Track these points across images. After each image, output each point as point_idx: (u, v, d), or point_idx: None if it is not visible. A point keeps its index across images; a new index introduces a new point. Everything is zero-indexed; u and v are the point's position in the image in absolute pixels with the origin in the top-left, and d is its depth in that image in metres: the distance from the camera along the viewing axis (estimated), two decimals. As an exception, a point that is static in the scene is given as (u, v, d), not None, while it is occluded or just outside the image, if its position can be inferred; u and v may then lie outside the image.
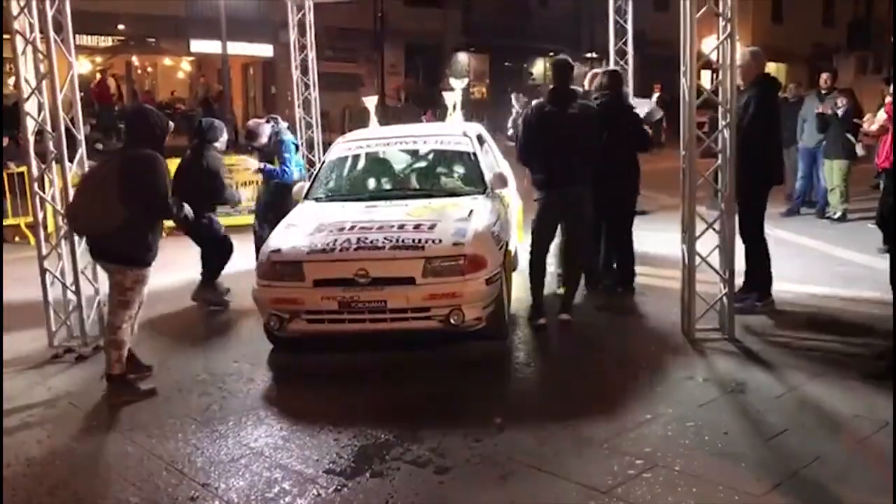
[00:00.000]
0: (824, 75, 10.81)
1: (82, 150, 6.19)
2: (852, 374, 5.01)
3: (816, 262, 8.11)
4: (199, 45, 24.83)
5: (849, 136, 9.87)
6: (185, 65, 27.38)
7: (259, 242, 7.14)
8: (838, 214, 10.13)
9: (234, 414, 4.83)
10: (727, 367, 5.23)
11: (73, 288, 6.10)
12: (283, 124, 8.07)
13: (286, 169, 7.74)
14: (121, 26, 23.21)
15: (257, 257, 6.01)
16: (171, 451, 4.36)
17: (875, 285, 6.93)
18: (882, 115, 8.80)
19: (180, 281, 7.53)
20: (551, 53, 35.49)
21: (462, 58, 33.48)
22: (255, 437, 4.50)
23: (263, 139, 7.86)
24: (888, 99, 8.69)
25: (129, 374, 5.19)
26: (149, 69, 27.55)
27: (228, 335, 6.50)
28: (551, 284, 6.71)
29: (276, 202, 7.51)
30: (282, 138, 7.86)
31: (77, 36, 6.12)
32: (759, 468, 3.91)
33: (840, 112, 9.86)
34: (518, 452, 4.14)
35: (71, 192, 5.92)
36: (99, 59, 23.41)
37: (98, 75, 21.88)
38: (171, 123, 5.59)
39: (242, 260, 7.43)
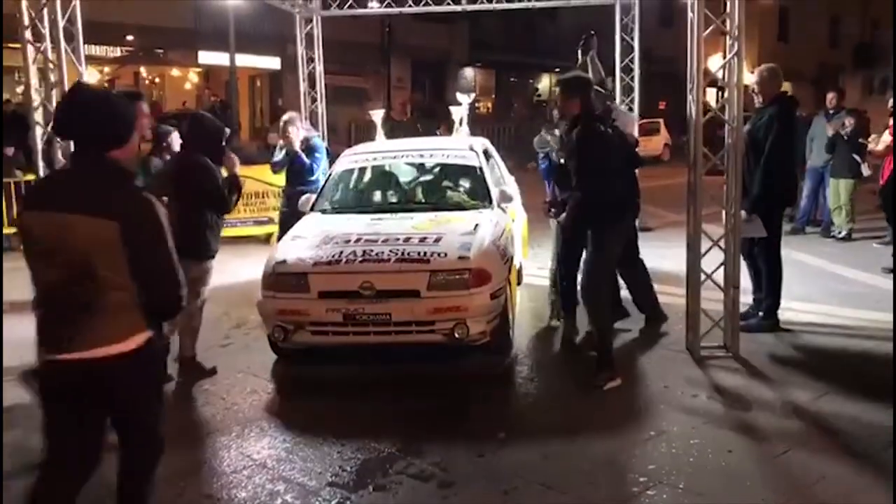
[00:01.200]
0: (830, 95, 10.84)
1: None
2: (856, 392, 5.00)
3: (821, 281, 8.10)
4: (207, 57, 24.98)
5: (855, 156, 9.90)
6: (193, 76, 27.53)
7: None
8: (843, 233, 10.13)
9: (238, 425, 4.83)
10: (732, 385, 5.22)
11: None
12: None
13: (315, 166, 7.72)
14: (129, 37, 23.34)
15: None
16: (172, 462, 4.31)
17: (878, 304, 6.94)
18: (887, 137, 8.81)
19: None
20: (557, 70, 35.75)
21: (468, 73, 33.62)
22: (258, 449, 4.49)
23: (300, 132, 7.84)
24: (892, 120, 8.69)
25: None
26: (156, 80, 27.69)
27: (233, 346, 6.50)
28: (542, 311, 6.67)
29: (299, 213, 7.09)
30: (315, 141, 7.95)
31: (86, 46, 6.15)
32: (763, 487, 3.90)
33: (847, 132, 9.89)
34: (522, 468, 4.13)
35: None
36: (107, 70, 23.54)
37: (106, 85, 22.01)
38: (227, 129, 5.86)
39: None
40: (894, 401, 4.42)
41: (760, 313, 6.37)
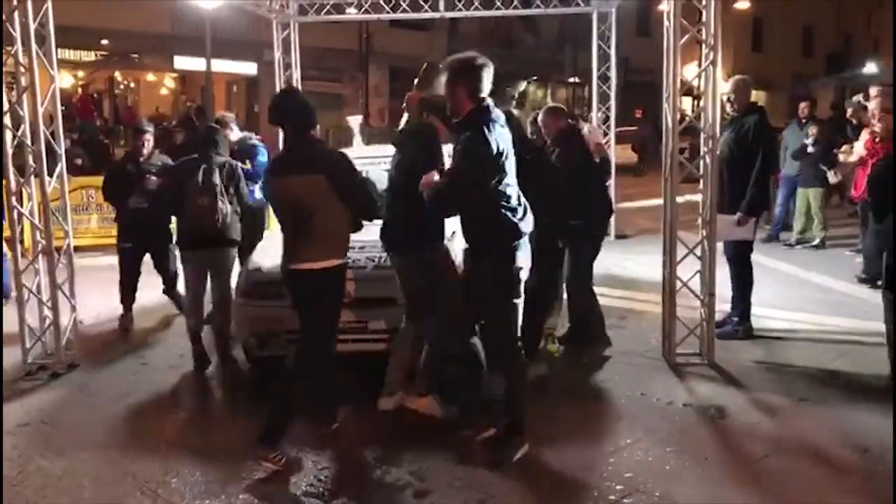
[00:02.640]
0: (803, 104, 10.99)
1: (62, 165, 6.12)
2: (831, 399, 5.04)
3: (795, 288, 8.17)
4: (183, 62, 24.76)
5: (822, 165, 9.99)
6: (169, 81, 27.29)
7: None
8: (817, 241, 10.22)
9: (212, 434, 4.76)
10: (708, 392, 5.24)
11: (50, 304, 6.00)
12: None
13: (255, 171, 6.88)
14: (104, 41, 23.11)
15: None
16: (145, 472, 4.28)
17: (852, 311, 7.01)
18: (861, 147, 8.87)
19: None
20: (535, 77, 35.96)
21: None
22: (232, 459, 4.41)
23: (234, 133, 7.29)
24: (865, 135, 8.71)
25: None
26: (131, 85, 27.43)
27: (209, 355, 6.41)
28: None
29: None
30: (255, 143, 7.39)
31: (59, 50, 6.07)
32: (740, 494, 3.91)
33: (809, 142, 9.95)
34: (499, 476, 4.10)
35: (50, 206, 5.86)
36: (81, 74, 23.29)
37: (80, 90, 21.77)
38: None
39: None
40: (894, 403, 4.43)
41: (735, 319, 6.41)
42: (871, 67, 37.89)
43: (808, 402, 5.02)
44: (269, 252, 5.77)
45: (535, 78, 35.90)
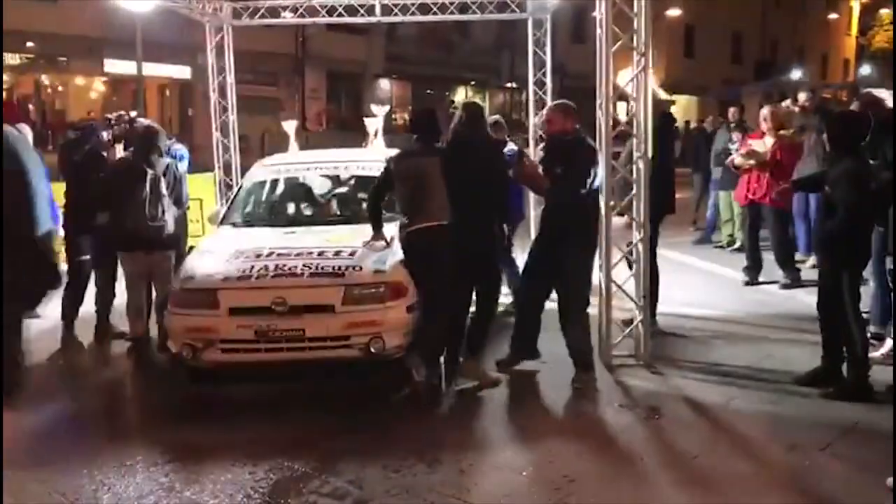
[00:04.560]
0: (732, 109, 11.27)
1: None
2: (763, 397, 5.18)
3: (726, 289, 8.37)
4: (114, 66, 24.17)
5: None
6: (99, 85, 26.59)
7: None
8: (738, 244, 10.25)
9: (144, 447, 4.64)
10: (643, 393, 5.32)
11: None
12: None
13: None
14: (29, 44, 22.41)
15: None
16: (75, 488, 4.14)
17: (781, 310, 7.22)
18: (760, 146, 8.21)
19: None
20: (472, 82, 36.14)
21: (384, 85, 33.58)
22: (166, 472, 4.32)
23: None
24: (770, 140, 8.11)
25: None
26: (59, 88, 26.64)
27: (142, 366, 6.25)
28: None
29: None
30: (178, 148, 7.46)
31: (-20, 53, 5.86)
32: (675, 493, 3.98)
33: (734, 147, 9.75)
34: (438, 483, 4.10)
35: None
36: (6, 77, 22.53)
37: (3, 94, 21.06)
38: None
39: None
40: (894, 408, 4.54)
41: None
42: (796, 73, 39.25)
43: (739, 400, 5.15)
44: (202, 260, 5.66)
45: (472, 83, 36.16)
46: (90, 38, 22.89)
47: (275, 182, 7.17)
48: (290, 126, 8.74)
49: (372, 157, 7.30)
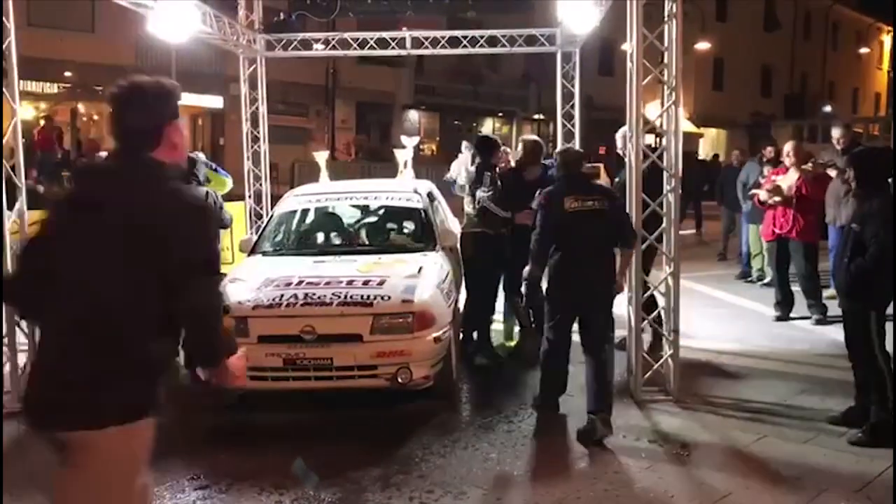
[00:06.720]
0: (770, 148, 10.87)
1: (22, 199, 6.01)
2: (794, 435, 5.09)
3: (756, 323, 8.26)
4: (148, 95, 24.61)
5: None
6: (133, 114, 27.06)
7: None
8: (768, 279, 10.11)
9: (171, 473, 4.65)
10: (672, 429, 5.25)
11: (7, 340, 5.85)
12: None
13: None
14: (67, 73, 22.93)
15: None
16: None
17: (813, 346, 7.11)
18: (785, 181, 8.15)
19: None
20: (500, 114, 36.33)
21: (413, 116, 33.88)
22: (193, 500, 4.33)
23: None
24: (793, 175, 8.01)
25: None
26: (95, 117, 27.17)
27: (170, 391, 6.27)
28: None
29: None
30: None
31: (21, 81, 6.00)
32: (705, 532, 3.91)
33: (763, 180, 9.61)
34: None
35: (7, 241, 5.73)
36: (43, 106, 23.03)
37: (41, 122, 21.49)
38: None
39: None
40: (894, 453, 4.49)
41: None
42: (826, 108, 38.98)
43: (770, 438, 5.06)
44: (233, 288, 5.66)
45: (500, 115, 36.30)
46: (126, 68, 23.31)
47: (305, 211, 7.25)
48: (321, 156, 8.84)
49: (401, 188, 7.36)
